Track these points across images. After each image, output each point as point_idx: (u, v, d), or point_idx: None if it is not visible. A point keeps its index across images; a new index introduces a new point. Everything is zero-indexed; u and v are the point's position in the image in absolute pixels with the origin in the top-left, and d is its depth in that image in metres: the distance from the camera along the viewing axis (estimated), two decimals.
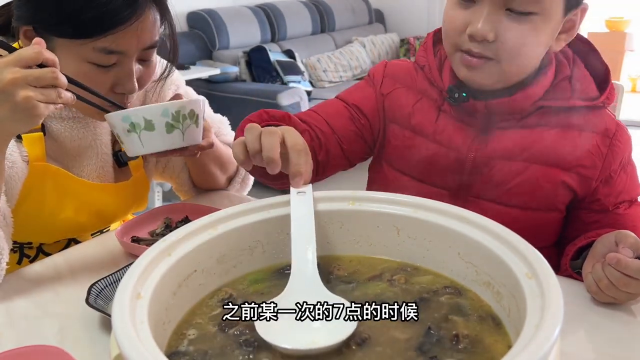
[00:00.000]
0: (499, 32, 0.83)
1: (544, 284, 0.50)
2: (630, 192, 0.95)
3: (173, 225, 1.07)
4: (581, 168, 0.92)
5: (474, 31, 0.83)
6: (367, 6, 5.07)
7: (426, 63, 0.99)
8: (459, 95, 0.93)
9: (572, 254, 0.90)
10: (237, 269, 0.68)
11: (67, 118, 1.04)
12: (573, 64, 0.94)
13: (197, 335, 0.58)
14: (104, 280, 0.82)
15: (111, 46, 0.90)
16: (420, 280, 0.66)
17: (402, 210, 0.68)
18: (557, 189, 0.92)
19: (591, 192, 0.93)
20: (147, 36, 0.94)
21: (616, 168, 0.93)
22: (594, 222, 0.95)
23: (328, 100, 1.07)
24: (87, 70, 0.92)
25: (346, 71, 4.41)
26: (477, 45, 0.85)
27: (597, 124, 0.92)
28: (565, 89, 0.91)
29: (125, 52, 0.92)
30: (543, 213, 0.95)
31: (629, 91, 5.48)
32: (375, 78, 1.05)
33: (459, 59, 0.89)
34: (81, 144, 1.07)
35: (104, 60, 0.91)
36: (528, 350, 0.42)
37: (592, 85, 0.92)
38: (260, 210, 0.68)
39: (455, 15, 0.87)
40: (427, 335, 0.55)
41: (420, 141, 0.98)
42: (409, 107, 1.00)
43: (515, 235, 0.58)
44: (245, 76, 3.83)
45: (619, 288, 0.75)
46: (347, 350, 0.54)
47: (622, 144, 0.93)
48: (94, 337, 0.76)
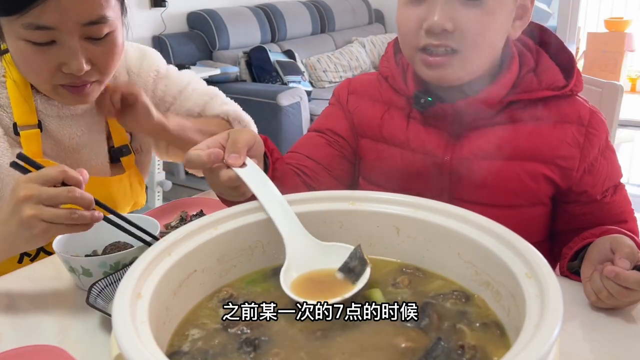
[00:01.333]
0: (456, 20, 0.82)
1: (544, 283, 0.50)
2: (612, 178, 0.95)
3: (188, 219, 1.09)
4: (560, 159, 0.92)
5: (431, 24, 0.83)
6: (367, 6, 5.08)
7: (389, 73, 0.99)
8: (425, 100, 0.92)
9: (570, 257, 0.90)
10: (238, 269, 0.68)
11: (65, 116, 1.05)
12: (537, 56, 0.94)
13: (198, 334, 0.58)
14: (104, 280, 0.82)
15: (37, 21, 0.87)
16: (428, 287, 0.66)
17: (402, 210, 0.68)
18: (538, 183, 0.92)
19: (576, 183, 0.93)
20: (81, 9, 0.89)
21: (596, 155, 0.93)
22: (583, 214, 0.95)
23: (302, 137, 1.08)
24: (23, 48, 0.90)
25: (346, 71, 4.41)
26: (436, 38, 0.84)
27: (569, 114, 0.92)
28: (532, 81, 0.91)
29: (56, 27, 0.88)
30: (528, 208, 0.95)
31: (629, 91, 5.48)
32: (341, 97, 1.05)
33: (420, 60, 0.88)
34: (79, 142, 1.08)
35: (36, 37, 0.89)
36: (528, 350, 0.42)
37: (558, 75, 0.92)
38: (260, 210, 0.68)
39: (408, 14, 0.87)
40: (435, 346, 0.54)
41: (394, 151, 0.97)
42: (378, 119, 0.99)
43: (515, 235, 0.58)
44: (245, 76, 3.83)
45: (618, 299, 0.75)
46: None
47: (598, 130, 0.92)
48: (94, 337, 0.76)
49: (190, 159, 0.68)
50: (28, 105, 1.02)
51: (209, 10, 3.87)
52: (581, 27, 5.30)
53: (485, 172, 0.92)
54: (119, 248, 0.92)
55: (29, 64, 0.94)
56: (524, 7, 0.88)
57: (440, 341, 0.54)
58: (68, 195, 0.75)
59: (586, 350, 0.72)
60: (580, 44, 5.38)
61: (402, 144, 0.96)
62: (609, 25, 5.27)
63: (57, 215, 0.75)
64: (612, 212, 0.94)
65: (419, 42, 0.86)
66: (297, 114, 3.45)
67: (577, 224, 0.95)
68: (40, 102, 1.04)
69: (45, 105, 1.04)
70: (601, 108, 1.28)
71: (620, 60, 5.11)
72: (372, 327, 0.57)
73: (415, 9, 0.85)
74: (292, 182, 0.93)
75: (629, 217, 0.96)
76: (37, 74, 0.95)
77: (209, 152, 0.68)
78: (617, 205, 0.95)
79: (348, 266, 0.64)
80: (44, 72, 0.94)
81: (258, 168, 0.71)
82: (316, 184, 0.99)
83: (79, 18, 0.89)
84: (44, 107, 1.04)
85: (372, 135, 1.00)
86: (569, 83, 0.91)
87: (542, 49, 0.94)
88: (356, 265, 0.63)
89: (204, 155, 0.68)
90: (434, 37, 0.84)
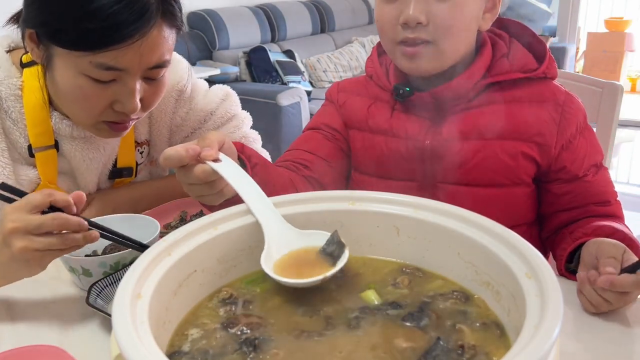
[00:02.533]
0: (429, 13, 0.89)
1: (544, 283, 0.50)
2: (593, 156, 0.97)
3: (188, 219, 1.09)
4: (537, 136, 0.94)
5: (406, 17, 0.89)
6: (367, 6, 5.08)
7: (374, 72, 1.06)
8: (403, 90, 0.98)
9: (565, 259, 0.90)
10: (238, 269, 0.68)
11: (79, 138, 1.02)
12: (510, 43, 0.99)
13: (198, 334, 0.58)
14: (104, 280, 0.82)
15: (110, 62, 0.86)
16: (428, 287, 0.66)
17: (402, 210, 0.68)
18: (517, 161, 0.95)
19: (554, 161, 0.96)
20: (154, 55, 0.89)
21: (574, 132, 0.95)
22: (566, 193, 0.97)
23: (299, 137, 1.13)
24: (83, 83, 0.88)
25: (346, 71, 4.41)
26: (412, 31, 0.90)
27: (544, 95, 0.96)
28: (504, 64, 0.96)
29: (126, 69, 0.88)
30: (511, 188, 0.97)
31: (629, 91, 5.48)
32: (332, 95, 1.12)
33: (399, 53, 0.94)
34: (90, 164, 1.06)
35: (101, 75, 0.87)
36: (528, 350, 0.42)
37: (530, 58, 0.97)
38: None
39: (385, 10, 0.93)
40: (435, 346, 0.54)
41: (379, 139, 1.02)
42: (364, 110, 1.05)
43: (515, 235, 0.58)
44: (245, 76, 3.83)
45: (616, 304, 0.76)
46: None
47: (574, 109, 0.96)
48: (94, 337, 0.76)
49: (168, 155, 0.69)
50: (45, 125, 0.99)
51: (209, 10, 3.87)
52: (581, 27, 5.31)
53: (464, 153, 0.96)
54: (119, 248, 0.92)
55: (83, 99, 0.91)
56: (493, 1, 0.94)
57: (440, 341, 0.54)
58: (54, 222, 0.73)
59: (586, 350, 0.72)
60: (580, 44, 5.39)
61: (386, 131, 1.02)
62: (609, 25, 5.27)
63: (48, 243, 0.73)
64: (595, 191, 0.96)
65: (397, 36, 0.92)
66: (297, 114, 3.45)
67: (562, 205, 0.98)
68: (55, 121, 1.00)
69: (59, 126, 1.01)
70: (601, 108, 1.29)
71: (620, 60, 5.11)
72: (372, 327, 0.57)
73: (391, 5, 0.92)
74: (281, 183, 0.94)
75: (612, 198, 0.98)
76: (87, 110, 0.93)
77: (187, 147, 0.69)
78: (599, 185, 0.97)
79: (326, 251, 0.65)
80: (95, 108, 0.92)
81: (233, 162, 0.72)
82: (317, 175, 1.03)
83: (149, 63, 0.89)
84: (57, 128, 1.01)
85: (360, 125, 1.06)
86: (541, 66, 0.96)
87: (514, 39, 1.00)
88: (334, 249, 0.65)
89: (182, 150, 0.69)
90: (409, 31, 0.90)
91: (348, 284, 0.66)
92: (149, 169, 1.21)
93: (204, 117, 1.17)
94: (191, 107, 1.16)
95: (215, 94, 1.20)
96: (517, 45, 0.98)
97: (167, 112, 1.14)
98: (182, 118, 1.16)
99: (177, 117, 1.15)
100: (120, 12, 0.82)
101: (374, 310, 0.60)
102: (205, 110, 1.17)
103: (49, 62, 0.91)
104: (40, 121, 0.99)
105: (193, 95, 1.16)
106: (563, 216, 0.98)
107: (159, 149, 1.18)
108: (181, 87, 1.14)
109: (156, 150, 1.19)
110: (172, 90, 1.12)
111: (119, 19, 0.83)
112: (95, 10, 0.82)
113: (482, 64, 0.96)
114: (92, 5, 0.82)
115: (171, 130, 1.17)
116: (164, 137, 1.17)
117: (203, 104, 1.18)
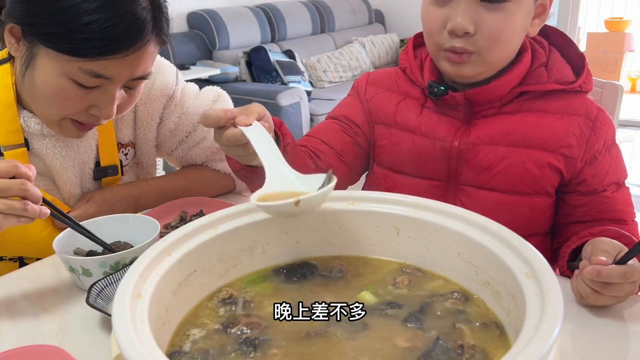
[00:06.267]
0: (477, 23, 0.87)
1: (544, 283, 0.50)
2: (616, 174, 0.96)
3: (188, 219, 1.09)
4: (565, 149, 0.94)
5: (454, 26, 0.87)
6: (367, 6, 5.07)
7: (408, 65, 1.04)
8: (438, 89, 0.96)
9: (568, 256, 0.90)
10: (237, 269, 0.68)
11: (49, 135, 1.01)
12: (549, 52, 0.97)
13: (198, 334, 0.58)
14: (104, 280, 0.82)
15: (100, 71, 0.87)
16: (428, 287, 0.66)
17: (402, 210, 0.68)
18: (543, 171, 0.94)
19: (577, 173, 0.95)
20: (141, 67, 0.91)
21: (600, 149, 0.95)
22: (582, 205, 0.96)
23: (320, 123, 1.13)
24: (66, 86, 0.89)
25: (346, 71, 4.41)
26: (459, 40, 0.88)
27: (577, 107, 0.95)
28: (542, 74, 0.95)
29: (112, 78, 0.89)
30: (533, 197, 0.96)
31: (629, 91, 5.48)
32: (359, 87, 1.11)
33: (443, 58, 0.93)
34: (64, 162, 1.05)
35: (87, 81, 0.88)
36: (528, 350, 0.42)
37: (568, 71, 0.95)
38: (260, 210, 0.68)
39: (433, 15, 0.91)
40: (435, 345, 0.54)
41: (406, 136, 1.01)
42: (393, 107, 1.04)
43: (515, 235, 0.58)
44: (245, 76, 3.83)
45: (605, 294, 0.75)
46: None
47: (605, 125, 0.95)
48: (94, 337, 0.76)
49: (208, 114, 0.76)
50: (14, 124, 0.99)
51: (209, 10, 3.87)
52: (581, 27, 5.30)
53: (491, 158, 0.95)
54: (119, 248, 0.92)
55: (62, 100, 0.91)
56: (542, 6, 0.92)
57: (440, 341, 0.54)
58: (20, 187, 0.76)
59: (586, 350, 0.72)
60: (580, 44, 5.38)
61: (413, 129, 1.01)
62: (609, 26, 5.27)
63: (10, 206, 0.76)
64: (612, 208, 0.95)
65: (443, 42, 0.91)
66: (297, 114, 3.45)
67: (577, 217, 0.96)
68: (23, 120, 0.99)
69: (28, 124, 1.00)
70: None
71: (620, 60, 5.11)
72: (372, 327, 0.57)
73: (440, 9, 0.90)
74: (302, 164, 0.96)
75: (629, 218, 0.96)
76: (61, 109, 0.93)
77: (226, 109, 0.76)
78: (617, 202, 0.96)
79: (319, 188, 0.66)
80: (71, 109, 0.92)
81: (263, 129, 0.75)
82: (326, 166, 1.02)
83: (134, 74, 0.91)
84: (26, 125, 1.00)
85: (387, 121, 1.05)
86: (578, 79, 0.94)
87: (554, 48, 0.98)
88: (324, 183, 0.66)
89: (221, 111, 0.75)
90: (456, 40, 0.88)
91: (348, 284, 0.66)
92: (135, 170, 1.20)
93: (197, 119, 1.17)
94: (183, 112, 1.16)
95: (207, 95, 1.20)
96: (556, 55, 0.97)
97: (154, 117, 1.13)
98: (175, 123, 1.16)
99: (169, 122, 1.15)
100: (118, 27, 0.84)
101: (374, 310, 0.60)
102: (198, 112, 1.17)
103: (30, 60, 0.91)
104: (8, 119, 0.98)
105: (184, 99, 1.16)
106: (576, 228, 0.96)
107: (144, 152, 1.18)
108: (169, 93, 1.13)
109: (142, 154, 1.18)
110: (160, 95, 1.12)
111: (116, 33, 0.84)
112: (92, 22, 0.83)
113: (520, 71, 0.94)
114: (90, 17, 0.83)
115: (164, 135, 1.16)
116: (150, 141, 1.17)
117: (195, 107, 1.17)
